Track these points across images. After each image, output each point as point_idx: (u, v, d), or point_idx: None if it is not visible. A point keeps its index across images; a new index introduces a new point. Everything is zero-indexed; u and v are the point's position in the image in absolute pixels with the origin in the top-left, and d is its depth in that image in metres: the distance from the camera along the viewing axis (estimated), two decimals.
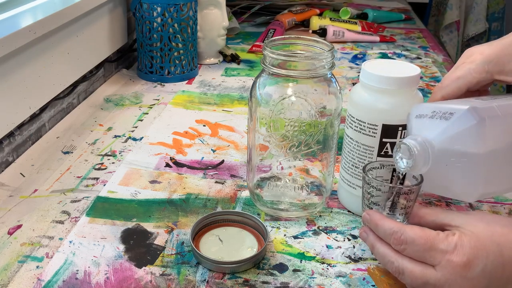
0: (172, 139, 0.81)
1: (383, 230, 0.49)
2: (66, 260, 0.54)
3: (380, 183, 0.51)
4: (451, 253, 0.44)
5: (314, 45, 0.59)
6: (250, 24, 1.45)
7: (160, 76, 1.04)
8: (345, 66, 1.14)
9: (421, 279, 0.46)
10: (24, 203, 0.64)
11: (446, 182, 0.49)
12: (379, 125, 0.56)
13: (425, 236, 0.46)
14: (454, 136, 0.47)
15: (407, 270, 0.47)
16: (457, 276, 0.44)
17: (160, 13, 0.99)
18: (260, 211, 0.63)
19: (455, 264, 0.44)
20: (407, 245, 0.46)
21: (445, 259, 0.45)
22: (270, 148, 0.60)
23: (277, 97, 0.57)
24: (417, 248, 0.46)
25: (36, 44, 0.76)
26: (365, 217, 0.51)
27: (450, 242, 0.45)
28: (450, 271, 0.44)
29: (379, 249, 0.50)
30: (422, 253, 0.46)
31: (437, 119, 0.49)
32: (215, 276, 0.53)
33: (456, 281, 0.44)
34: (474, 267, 0.44)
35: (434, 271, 0.45)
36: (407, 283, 0.48)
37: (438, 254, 0.45)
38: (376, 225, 0.50)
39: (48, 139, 0.80)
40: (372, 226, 0.51)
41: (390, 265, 0.48)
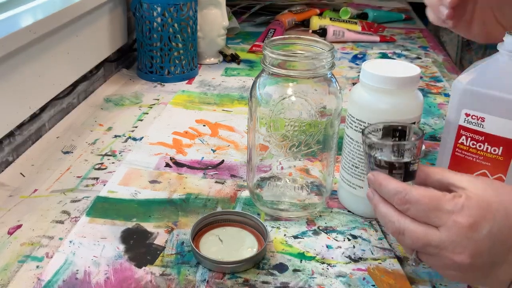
0: (172, 139, 0.81)
1: (387, 190, 0.47)
2: (66, 260, 0.54)
3: (381, 143, 0.49)
4: (457, 213, 0.43)
5: (314, 45, 0.59)
6: (250, 24, 1.45)
7: (160, 76, 1.04)
8: (345, 66, 1.14)
9: (423, 239, 0.44)
10: (24, 203, 0.64)
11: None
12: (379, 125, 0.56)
13: (430, 196, 0.44)
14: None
15: (408, 230, 0.45)
16: (462, 237, 0.42)
17: (160, 13, 0.99)
18: (260, 211, 0.63)
19: (461, 225, 0.42)
20: (411, 205, 0.44)
21: (451, 220, 0.43)
22: (270, 148, 0.60)
23: (277, 97, 0.57)
24: (422, 207, 0.44)
25: (36, 44, 0.76)
26: (370, 178, 0.49)
27: (457, 203, 0.43)
28: (456, 232, 0.43)
29: (381, 209, 0.48)
30: (426, 213, 0.44)
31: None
32: (215, 276, 0.53)
33: (460, 242, 0.42)
34: (480, 229, 0.42)
35: (437, 232, 0.44)
36: (406, 245, 0.46)
37: (443, 214, 0.43)
38: (380, 185, 0.48)
39: (48, 139, 0.80)
40: (376, 186, 0.48)
41: (391, 225, 0.46)
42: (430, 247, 0.44)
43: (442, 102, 0.96)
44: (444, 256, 0.44)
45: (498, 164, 0.53)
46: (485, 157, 0.54)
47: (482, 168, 0.54)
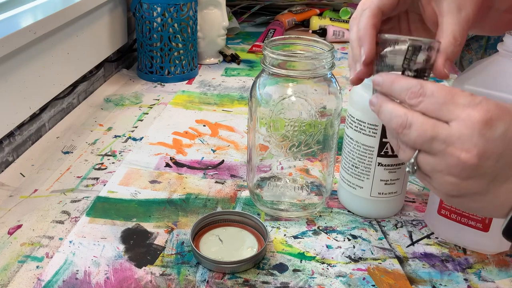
0: (172, 139, 0.81)
1: (400, 86, 0.42)
2: (66, 260, 0.54)
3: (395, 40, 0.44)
4: (473, 107, 0.39)
5: (314, 45, 0.59)
6: (250, 24, 1.45)
7: (160, 76, 1.04)
8: (345, 66, 1.14)
9: (431, 132, 0.40)
10: (24, 203, 0.64)
11: None
12: (379, 125, 0.56)
13: (447, 89, 0.40)
14: None
15: (417, 123, 0.40)
16: (474, 132, 0.38)
17: (160, 13, 0.99)
18: (260, 211, 0.63)
19: (475, 119, 0.38)
20: (425, 97, 0.40)
21: (465, 113, 0.39)
22: (270, 148, 0.60)
23: (277, 97, 0.57)
24: (436, 100, 0.40)
25: (36, 44, 0.76)
26: (377, 79, 0.45)
27: (474, 98, 0.39)
28: (468, 126, 0.38)
29: (387, 106, 0.43)
30: (440, 105, 0.40)
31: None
32: (215, 276, 0.53)
33: (471, 138, 0.38)
34: (495, 127, 0.38)
35: (447, 125, 0.39)
36: (410, 139, 0.41)
37: (458, 108, 0.39)
38: (391, 83, 0.43)
39: (48, 139, 0.80)
40: (386, 86, 0.44)
41: (396, 120, 0.42)
42: (437, 142, 0.40)
43: None
44: (449, 153, 0.39)
45: None
46: None
47: None
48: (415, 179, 0.71)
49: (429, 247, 0.58)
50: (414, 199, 0.66)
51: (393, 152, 0.57)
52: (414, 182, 0.70)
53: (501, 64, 0.52)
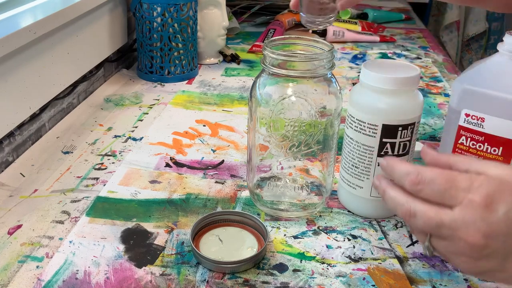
0: (172, 139, 0.81)
1: (399, 172, 0.44)
2: (66, 260, 0.54)
3: None
4: (474, 192, 0.40)
5: (314, 45, 0.59)
6: (250, 24, 1.45)
7: (160, 76, 1.04)
8: (345, 66, 1.14)
9: (435, 219, 0.41)
10: (24, 203, 0.64)
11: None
12: (379, 125, 0.56)
13: (445, 175, 0.41)
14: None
15: (420, 211, 0.42)
16: (476, 217, 0.40)
17: (160, 13, 0.99)
18: (260, 211, 0.63)
19: (477, 204, 0.40)
20: (425, 185, 0.42)
21: (467, 199, 0.40)
22: (270, 148, 0.60)
23: (277, 97, 0.57)
24: (436, 187, 0.41)
25: (36, 44, 0.76)
26: (382, 163, 0.47)
27: (474, 181, 0.40)
28: (470, 212, 0.40)
29: (390, 193, 0.45)
30: (441, 192, 0.41)
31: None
32: (215, 276, 0.53)
33: (474, 223, 0.40)
34: (497, 210, 0.39)
35: (451, 211, 0.41)
36: (418, 227, 0.43)
37: (459, 193, 0.40)
38: (392, 167, 0.45)
39: (48, 139, 0.80)
40: (388, 170, 0.46)
41: (401, 208, 0.44)
42: (443, 228, 0.41)
43: (442, 102, 0.96)
44: (457, 237, 0.41)
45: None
46: (485, 157, 0.54)
47: None
48: None
49: None
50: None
51: (393, 152, 0.58)
52: None
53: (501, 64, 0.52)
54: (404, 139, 0.57)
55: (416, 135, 0.58)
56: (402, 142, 0.57)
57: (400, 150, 0.57)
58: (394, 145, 0.57)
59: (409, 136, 0.57)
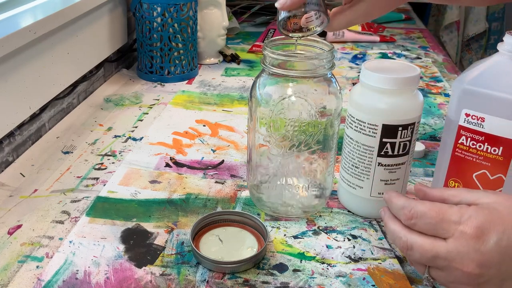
0: (172, 139, 0.81)
1: (395, 206, 0.47)
2: (66, 260, 0.54)
3: None
4: (464, 224, 0.42)
5: (314, 45, 0.59)
6: (250, 24, 1.45)
7: (160, 76, 1.04)
8: (345, 66, 1.14)
9: (431, 252, 0.43)
10: (24, 203, 0.64)
11: None
12: (379, 125, 0.56)
13: (436, 208, 0.44)
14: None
15: (416, 244, 0.44)
16: (469, 248, 0.42)
17: (160, 13, 0.99)
18: (260, 211, 0.63)
19: (468, 235, 0.42)
20: (418, 219, 0.44)
21: (458, 231, 0.42)
22: (270, 148, 0.60)
23: (277, 97, 0.57)
24: (428, 221, 0.44)
25: (36, 44, 0.76)
26: (384, 196, 0.50)
27: (464, 213, 0.43)
28: (463, 243, 0.42)
29: (390, 226, 0.48)
30: (433, 226, 0.43)
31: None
32: (215, 276, 0.53)
33: (468, 254, 0.42)
34: (488, 240, 0.41)
35: (445, 243, 0.43)
36: (415, 259, 0.46)
37: (450, 225, 0.43)
38: (390, 201, 0.48)
39: (48, 139, 0.80)
40: (387, 203, 0.49)
41: (399, 241, 0.46)
42: (439, 260, 0.43)
43: (442, 102, 0.96)
44: (453, 268, 0.43)
45: (498, 164, 0.53)
46: (485, 157, 0.54)
47: (482, 168, 0.54)
48: (415, 180, 0.71)
49: None
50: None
51: (393, 152, 0.58)
52: (414, 182, 0.70)
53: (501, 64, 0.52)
54: (404, 139, 0.57)
55: (416, 135, 0.58)
56: (402, 142, 0.57)
57: (400, 150, 0.57)
58: (394, 145, 0.57)
59: (409, 136, 0.57)
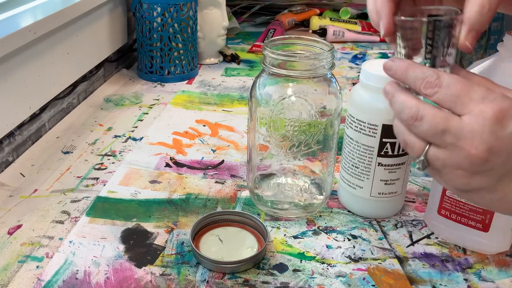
0: (172, 139, 0.81)
1: (415, 75, 0.41)
2: (66, 260, 0.54)
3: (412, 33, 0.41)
4: (487, 104, 0.38)
5: (314, 45, 0.59)
6: (250, 24, 1.45)
7: (160, 76, 1.04)
8: (345, 66, 1.14)
9: (442, 124, 0.39)
10: (24, 203, 0.64)
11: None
12: (379, 125, 0.56)
13: (464, 82, 0.39)
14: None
15: (429, 114, 0.40)
16: (485, 129, 0.38)
17: (160, 13, 0.99)
18: (260, 211, 0.63)
19: (488, 115, 0.38)
20: (441, 88, 0.40)
21: (478, 108, 0.38)
22: (270, 148, 0.60)
23: (277, 97, 0.57)
24: (451, 92, 0.39)
25: (36, 44, 0.76)
26: (388, 64, 0.43)
27: (490, 93, 0.39)
28: (479, 122, 0.38)
29: (400, 97, 0.42)
30: (454, 98, 0.39)
31: None
32: (215, 276, 0.53)
33: (481, 135, 0.38)
34: (506, 126, 0.38)
35: (459, 118, 0.39)
36: (421, 131, 0.41)
37: (472, 102, 0.38)
38: (405, 70, 0.42)
39: (48, 139, 0.80)
40: (399, 73, 0.42)
41: (408, 111, 0.41)
42: (448, 135, 0.39)
43: None
44: (460, 147, 0.39)
45: None
46: None
47: None
48: (415, 180, 0.71)
49: (429, 247, 0.58)
50: (414, 199, 0.66)
51: (393, 152, 0.58)
52: (414, 182, 0.70)
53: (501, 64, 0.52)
54: None
55: None
56: None
57: (400, 150, 0.57)
58: (394, 145, 0.57)
59: None
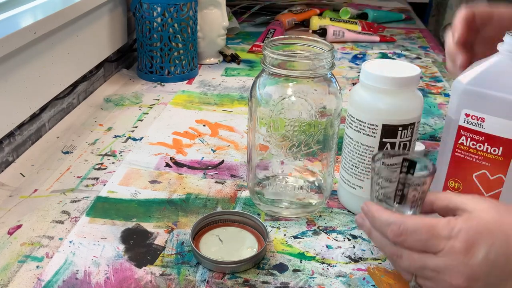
0: (172, 139, 0.81)
1: (380, 222, 0.46)
2: (66, 260, 0.54)
3: (390, 173, 0.48)
4: (454, 238, 0.42)
5: (314, 45, 0.59)
6: (250, 24, 1.45)
7: (160, 76, 1.04)
8: (345, 66, 1.14)
9: (420, 261, 0.44)
10: (24, 203, 0.64)
11: None
12: (379, 125, 0.56)
13: (427, 224, 0.43)
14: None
15: (406, 253, 0.44)
16: (458, 262, 0.42)
17: (160, 13, 0.99)
18: (260, 211, 0.63)
19: (458, 250, 0.42)
20: (408, 236, 0.44)
21: (448, 245, 0.42)
22: (270, 148, 0.60)
23: (277, 97, 0.57)
24: (419, 237, 0.43)
25: (36, 44, 0.76)
26: (363, 208, 0.48)
27: (453, 227, 0.43)
28: (452, 257, 0.42)
29: (377, 234, 0.47)
30: (423, 242, 0.43)
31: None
32: (215, 276, 0.53)
33: (457, 267, 0.42)
34: (476, 253, 0.42)
35: (434, 256, 0.43)
36: (403, 267, 0.46)
37: (441, 241, 0.43)
38: (372, 216, 0.47)
39: (48, 139, 0.80)
40: (369, 218, 0.48)
41: (388, 249, 0.46)
42: (427, 270, 0.44)
43: (442, 102, 0.96)
44: (441, 279, 0.43)
45: (498, 164, 0.53)
46: (485, 158, 0.54)
47: (482, 168, 0.54)
48: None
49: None
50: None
51: None
52: None
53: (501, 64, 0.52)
54: (404, 139, 0.57)
55: (416, 135, 0.58)
56: (402, 142, 0.57)
57: (400, 150, 0.57)
58: (394, 145, 0.57)
59: (409, 136, 0.57)
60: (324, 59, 0.56)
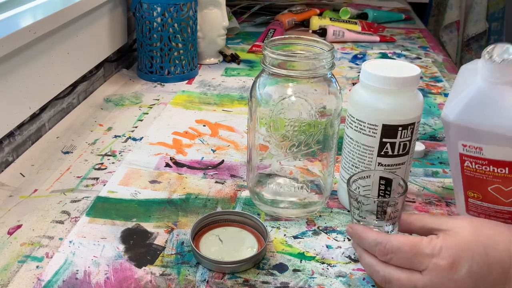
0: (172, 139, 0.81)
1: (367, 243, 0.49)
2: (66, 260, 0.54)
3: (364, 198, 0.50)
4: (437, 256, 0.45)
5: (314, 45, 0.59)
6: (250, 24, 1.45)
7: (160, 76, 1.04)
8: (345, 66, 1.14)
9: (409, 285, 0.46)
10: (24, 203, 0.64)
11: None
12: (379, 125, 0.56)
13: (410, 243, 0.46)
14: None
15: (394, 278, 0.47)
16: (443, 278, 0.45)
17: (160, 13, 0.99)
18: (260, 211, 0.63)
19: (441, 267, 0.45)
20: (393, 254, 0.47)
21: (432, 263, 0.45)
22: (270, 148, 0.60)
23: (277, 97, 0.57)
24: (404, 255, 0.46)
25: (36, 44, 0.76)
26: (348, 231, 0.51)
27: (435, 245, 0.45)
28: (437, 274, 0.45)
29: (365, 260, 0.50)
30: (409, 260, 0.46)
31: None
32: (215, 276, 0.53)
33: (443, 284, 0.45)
34: (459, 268, 0.44)
35: (421, 276, 0.46)
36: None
37: (424, 259, 0.45)
38: (360, 238, 0.50)
39: (48, 139, 0.80)
40: (356, 239, 0.51)
41: (376, 275, 0.48)
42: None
43: (442, 102, 0.96)
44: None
45: (508, 180, 0.52)
46: (494, 176, 0.52)
47: (494, 183, 0.53)
48: (415, 180, 0.71)
49: None
50: (414, 199, 0.66)
51: (393, 152, 0.58)
52: (414, 182, 0.70)
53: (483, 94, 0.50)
54: (404, 139, 0.57)
55: (416, 135, 0.58)
56: (402, 142, 0.57)
57: (400, 150, 0.58)
58: (394, 145, 0.57)
59: (409, 136, 0.57)
60: (324, 59, 0.56)
